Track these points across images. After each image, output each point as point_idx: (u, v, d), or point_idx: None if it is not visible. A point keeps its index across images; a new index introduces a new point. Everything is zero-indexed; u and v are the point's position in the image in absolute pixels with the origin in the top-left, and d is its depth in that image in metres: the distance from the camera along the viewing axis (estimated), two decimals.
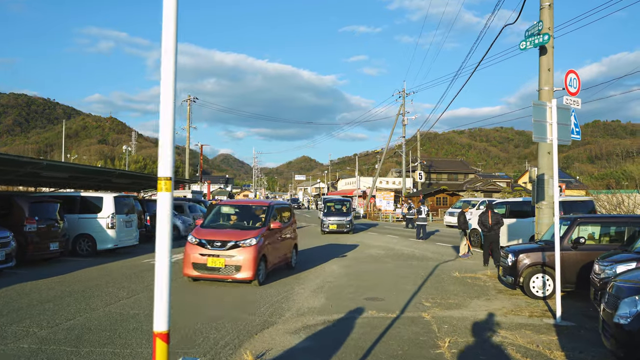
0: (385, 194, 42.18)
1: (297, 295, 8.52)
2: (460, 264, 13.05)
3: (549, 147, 10.66)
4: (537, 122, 6.93)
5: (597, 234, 9.17)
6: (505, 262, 9.07)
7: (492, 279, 10.65)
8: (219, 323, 6.48)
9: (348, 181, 74.57)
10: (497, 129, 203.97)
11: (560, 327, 6.62)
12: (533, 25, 10.57)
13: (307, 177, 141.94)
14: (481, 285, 9.88)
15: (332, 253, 14.81)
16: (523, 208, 15.74)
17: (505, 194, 61.72)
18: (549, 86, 10.64)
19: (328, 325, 6.49)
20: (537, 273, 8.56)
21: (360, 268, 12.08)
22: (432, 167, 67.94)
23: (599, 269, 6.88)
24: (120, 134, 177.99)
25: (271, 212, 10.29)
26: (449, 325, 6.56)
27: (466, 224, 14.59)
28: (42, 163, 13.26)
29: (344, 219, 22.10)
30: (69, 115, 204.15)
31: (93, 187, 17.88)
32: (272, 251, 9.98)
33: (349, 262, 13.09)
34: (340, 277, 10.63)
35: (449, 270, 11.79)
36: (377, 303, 7.93)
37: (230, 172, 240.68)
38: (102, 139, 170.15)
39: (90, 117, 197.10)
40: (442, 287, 9.57)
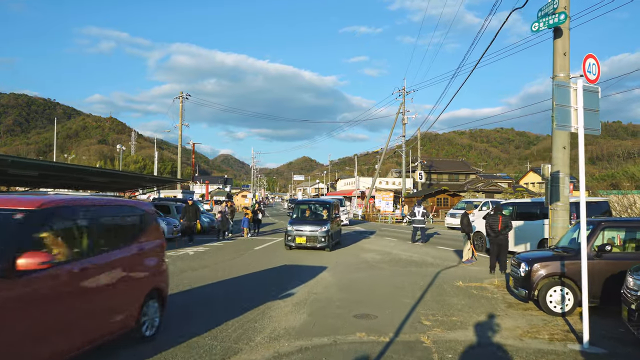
0: (384, 194, 40.95)
1: (275, 310, 7.32)
2: (463, 270, 11.85)
3: (565, 140, 9.48)
4: (560, 106, 5.74)
5: (622, 240, 7.98)
6: (517, 271, 7.88)
7: (500, 289, 9.45)
8: (169, 352, 5.28)
9: (347, 181, 73.36)
10: (497, 130, 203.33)
11: (590, 355, 5.43)
12: (547, 4, 9.38)
13: (306, 178, 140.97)
14: (489, 297, 8.68)
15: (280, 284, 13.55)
16: (531, 210, 14.53)
17: (507, 195, 60.60)
18: (564, 72, 9.45)
19: (305, 356, 5.29)
20: (554, 285, 7.37)
21: (353, 276, 10.88)
22: (432, 167, 66.74)
23: (635, 284, 5.68)
24: (120, 134, 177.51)
25: None
26: (453, 354, 5.37)
27: (470, 227, 13.40)
28: (7, 160, 12.09)
29: (317, 230, 15.58)
30: (69, 115, 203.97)
31: (68, 186, 16.71)
32: None
33: (341, 269, 11.90)
34: (330, 287, 9.43)
35: (452, 278, 10.59)
36: (368, 322, 6.73)
37: (230, 172, 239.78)
38: (102, 139, 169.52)
39: (90, 118, 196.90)
40: (444, 300, 8.38)
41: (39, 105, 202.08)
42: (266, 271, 11.49)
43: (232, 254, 14.78)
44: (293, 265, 12.62)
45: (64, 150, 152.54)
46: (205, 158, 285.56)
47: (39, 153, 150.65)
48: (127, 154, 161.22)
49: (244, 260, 13.24)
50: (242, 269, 11.67)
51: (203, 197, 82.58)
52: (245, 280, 10.25)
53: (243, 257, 13.88)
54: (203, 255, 14.29)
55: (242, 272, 11.21)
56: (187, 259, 13.20)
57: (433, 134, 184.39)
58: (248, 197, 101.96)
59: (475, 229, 16.45)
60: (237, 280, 10.12)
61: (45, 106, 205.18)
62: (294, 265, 12.51)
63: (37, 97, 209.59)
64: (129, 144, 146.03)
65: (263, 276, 10.83)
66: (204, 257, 13.69)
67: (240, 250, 15.58)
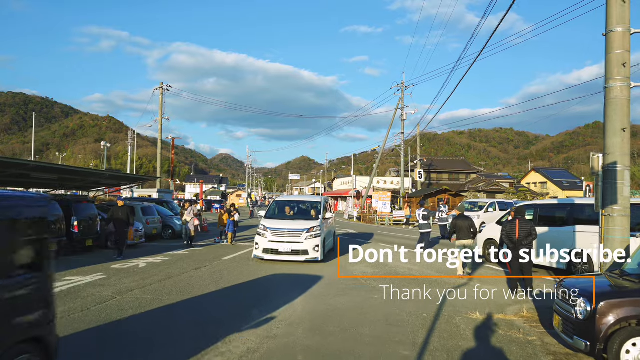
0: (381, 194, 38.29)
1: None
2: (476, 292, 9.23)
3: (624, 119, 6.85)
4: None
5: None
6: (571, 310, 5.28)
7: (533, 325, 6.85)
8: None
9: (344, 181, 70.73)
10: (496, 130, 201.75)
11: None
12: None
13: (301, 177, 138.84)
14: (521, 341, 6.07)
15: None
16: (558, 213, 11.92)
17: (509, 195, 58.02)
18: (623, 26, 6.83)
19: None
20: (634, 337, 4.77)
21: (333, 303, 8.25)
22: (432, 166, 64.18)
23: None
24: (117, 132, 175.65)
25: None
26: None
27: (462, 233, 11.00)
28: None
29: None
30: (67, 114, 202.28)
31: (4, 183, 14.08)
32: None
33: (319, 290, 9.28)
34: (297, 323, 6.79)
35: (464, 305, 7.97)
36: None
37: (229, 172, 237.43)
38: (99, 138, 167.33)
39: (88, 116, 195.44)
40: (460, 346, 5.77)
41: (36, 104, 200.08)
42: (220, 293, 8.88)
43: (192, 265, 12.14)
44: (258, 283, 10.01)
45: (61, 148, 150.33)
46: (203, 157, 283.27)
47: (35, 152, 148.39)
48: (124, 153, 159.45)
49: (200, 276, 10.60)
50: (192, 289, 9.05)
51: (197, 196, 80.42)
52: (186, 309, 7.62)
53: (201, 272, 11.22)
54: (155, 268, 11.65)
55: (189, 294, 8.59)
56: (129, 275, 10.56)
57: (432, 133, 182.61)
58: (243, 196, 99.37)
59: (485, 236, 13.90)
60: (173, 310, 7.49)
61: (43, 105, 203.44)
62: (259, 284, 9.91)
63: (35, 95, 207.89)
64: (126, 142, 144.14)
65: (212, 302, 8.22)
66: (153, 272, 11.05)
67: (205, 261, 12.93)
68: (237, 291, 9.18)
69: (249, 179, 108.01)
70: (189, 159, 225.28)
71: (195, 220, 16.78)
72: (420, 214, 16.26)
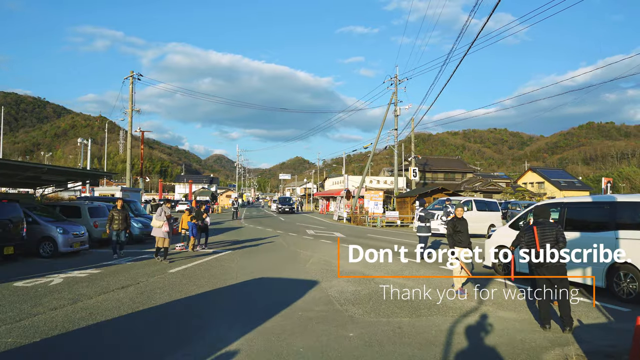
0: (373, 193, 35.69)
1: None
2: (491, 322, 6.68)
3: None
4: None
5: None
6: None
7: None
8: None
9: (335, 180, 68.15)
10: (491, 130, 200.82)
11: None
12: None
13: (293, 177, 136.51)
14: None
15: None
16: (592, 214, 9.38)
17: (507, 195, 55.80)
18: None
19: None
20: None
21: (288, 349, 5.65)
22: (427, 165, 61.79)
23: None
24: (110, 132, 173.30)
25: None
26: None
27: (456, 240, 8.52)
28: None
29: None
30: (59, 114, 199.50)
31: None
32: None
33: (273, 326, 6.69)
34: None
35: (481, 348, 5.41)
36: None
37: (222, 172, 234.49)
38: (91, 137, 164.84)
39: (80, 116, 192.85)
40: None
41: (28, 104, 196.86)
42: (130, 323, 6.26)
43: (121, 282, 9.48)
44: (196, 306, 7.41)
45: (52, 148, 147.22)
46: (197, 158, 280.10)
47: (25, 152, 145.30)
48: (116, 153, 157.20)
49: (118, 299, 7.94)
50: (95, 317, 6.41)
51: (186, 197, 77.68)
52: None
53: (126, 292, 8.54)
54: (69, 287, 8.97)
55: (85, 324, 5.95)
56: (25, 299, 7.91)
57: (426, 134, 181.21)
58: (232, 196, 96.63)
59: (495, 243, 11.38)
60: None
61: (35, 105, 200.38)
62: (194, 310, 7.30)
63: (27, 95, 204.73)
64: (117, 142, 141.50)
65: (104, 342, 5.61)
66: (62, 294, 8.39)
67: (142, 276, 10.26)
68: (160, 316, 6.57)
69: (240, 179, 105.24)
70: (183, 159, 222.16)
71: (165, 225, 12.60)
72: (417, 214, 13.79)
